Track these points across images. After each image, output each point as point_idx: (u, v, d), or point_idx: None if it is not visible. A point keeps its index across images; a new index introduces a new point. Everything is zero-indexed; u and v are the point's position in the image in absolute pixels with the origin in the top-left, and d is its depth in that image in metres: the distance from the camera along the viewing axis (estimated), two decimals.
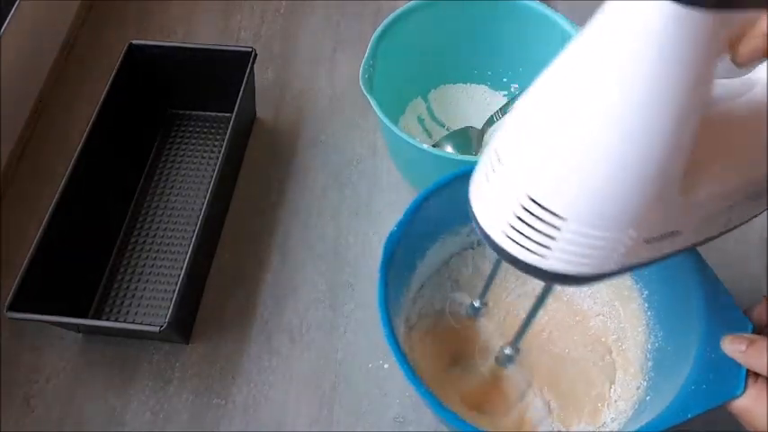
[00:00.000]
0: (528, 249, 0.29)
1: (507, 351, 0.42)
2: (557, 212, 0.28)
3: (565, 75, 0.27)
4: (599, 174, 0.26)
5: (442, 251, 0.49)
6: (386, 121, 0.50)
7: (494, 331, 0.49)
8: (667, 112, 0.25)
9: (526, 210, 0.28)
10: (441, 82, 0.63)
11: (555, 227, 0.28)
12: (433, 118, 0.63)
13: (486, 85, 0.63)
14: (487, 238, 0.31)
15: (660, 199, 0.27)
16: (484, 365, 0.47)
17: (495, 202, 0.30)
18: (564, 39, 0.54)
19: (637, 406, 0.43)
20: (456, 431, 0.42)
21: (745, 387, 0.36)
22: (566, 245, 0.28)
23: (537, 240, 0.29)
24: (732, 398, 0.36)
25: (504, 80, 0.62)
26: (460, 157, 0.55)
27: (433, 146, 0.57)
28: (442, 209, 0.45)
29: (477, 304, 0.47)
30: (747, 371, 0.36)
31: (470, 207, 0.32)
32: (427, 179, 0.54)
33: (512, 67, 0.61)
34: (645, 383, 0.44)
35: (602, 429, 0.43)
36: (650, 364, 0.44)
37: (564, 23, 0.55)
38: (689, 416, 0.36)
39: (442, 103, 0.63)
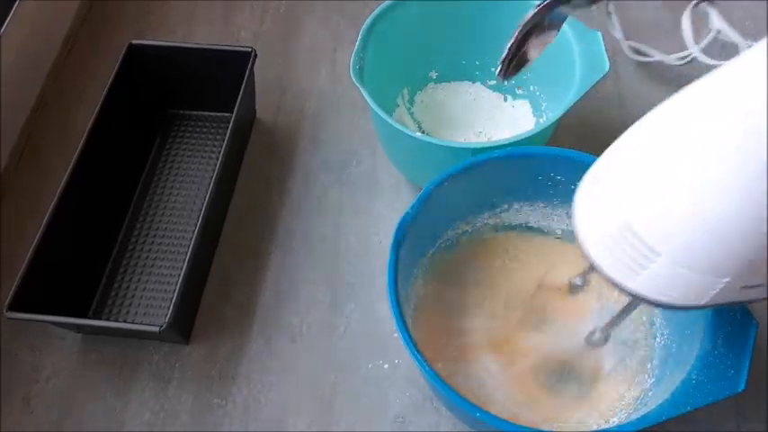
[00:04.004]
0: (616, 267, 0.29)
1: (598, 334, 0.42)
2: (653, 246, 0.27)
3: (690, 115, 0.26)
4: (710, 223, 0.25)
5: (451, 236, 0.50)
6: (377, 109, 0.50)
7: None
8: None
9: (623, 235, 0.28)
10: (430, 73, 0.63)
11: (648, 258, 0.28)
12: (425, 110, 0.63)
13: (475, 75, 0.63)
14: (581, 243, 0.31)
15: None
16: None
17: (596, 215, 0.30)
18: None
19: (638, 402, 0.43)
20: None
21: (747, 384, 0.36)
22: (655, 275, 0.28)
23: (627, 263, 0.29)
24: (733, 394, 0.36)
25: (492, 69, 0.62)
26: (453, 143, 0.55)
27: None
28: (455, 197, 0.46)
29: (578, 282, 0.46)
30: (750, 368, 0.36)
31: (573, 204, 0.32)
32: (419, 168, 0.54)
33: (500, 56, 0.61)
34: (649, 381, 0.44)
35: (604, 427, 0.43)
36: (655, 362, 0.44)
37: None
38: (689, 408, 0.36)
39: (433, 96, 0.63)
